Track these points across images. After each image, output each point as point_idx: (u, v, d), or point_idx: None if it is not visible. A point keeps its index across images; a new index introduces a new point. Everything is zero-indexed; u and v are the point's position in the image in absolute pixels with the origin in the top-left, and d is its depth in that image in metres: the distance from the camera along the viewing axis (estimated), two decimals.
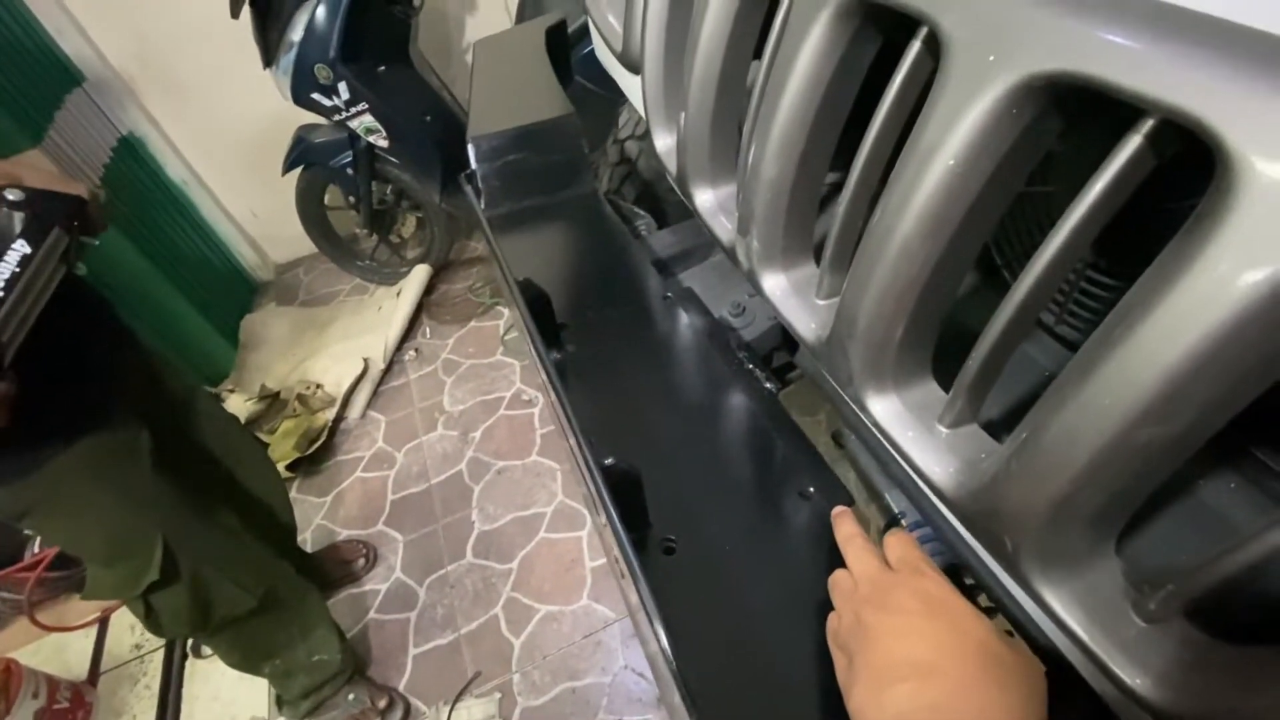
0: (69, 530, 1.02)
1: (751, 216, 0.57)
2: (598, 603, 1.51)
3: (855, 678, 0.38)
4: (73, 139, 1.97)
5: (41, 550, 1.68)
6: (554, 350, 0.64)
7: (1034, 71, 0.32)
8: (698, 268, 0.96)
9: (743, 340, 0.80)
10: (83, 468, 0.95)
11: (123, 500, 1.02)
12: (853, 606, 0.42)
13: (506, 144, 0.86)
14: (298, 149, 2.21)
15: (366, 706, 1.40)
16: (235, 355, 2.38)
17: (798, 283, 0.58)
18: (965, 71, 0.35)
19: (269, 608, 1.23)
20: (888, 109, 0.43)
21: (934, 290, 0.42)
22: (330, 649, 1.37)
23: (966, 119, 0.35)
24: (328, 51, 1.89)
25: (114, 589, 1.07)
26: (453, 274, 2.59)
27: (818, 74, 0.47)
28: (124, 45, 2.22)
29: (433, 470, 1.91)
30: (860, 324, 0.45)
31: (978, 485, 0.40)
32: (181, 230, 2.44)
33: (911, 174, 0.38)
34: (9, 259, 0.78)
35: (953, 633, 0.38)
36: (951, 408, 0.44)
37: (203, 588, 1.12)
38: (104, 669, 1.67)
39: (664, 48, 0.73)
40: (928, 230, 0.39)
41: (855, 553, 0.46)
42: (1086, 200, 0.32)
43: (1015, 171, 0.37)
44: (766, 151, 0.52)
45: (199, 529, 1.14)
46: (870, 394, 0.48)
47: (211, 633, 1.21)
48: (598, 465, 0.40)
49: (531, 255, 0.81)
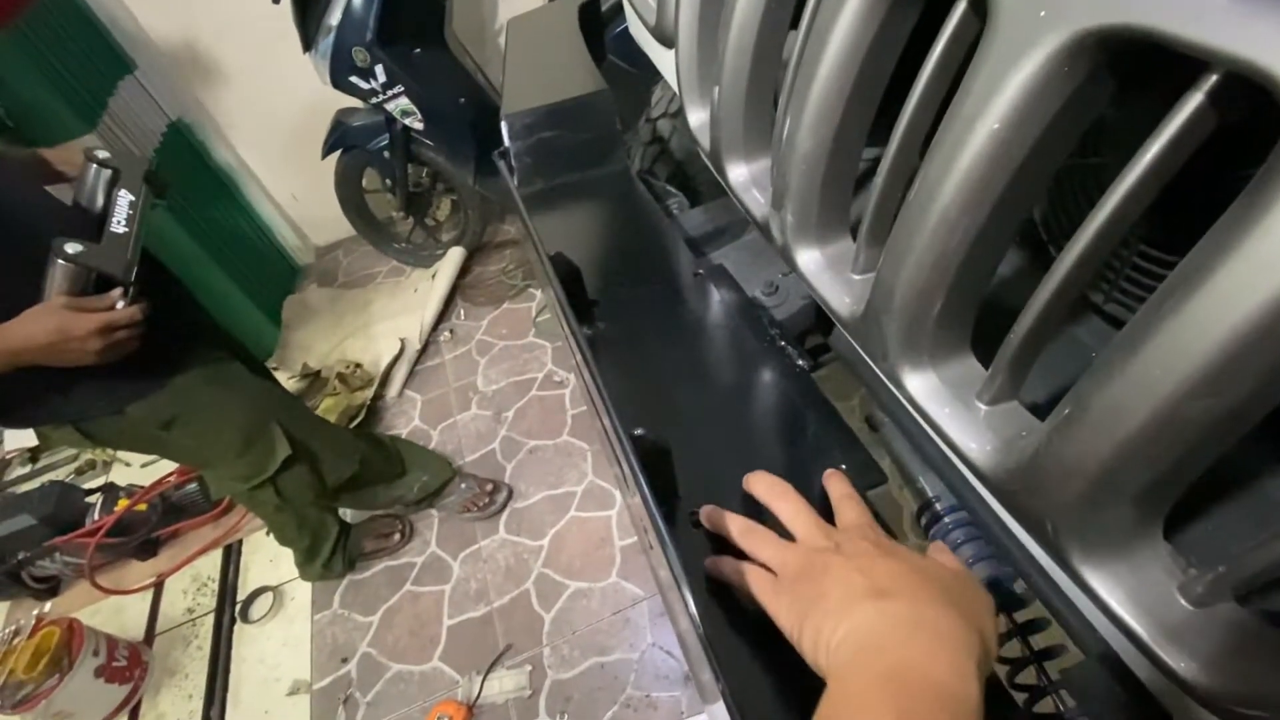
0: (208, 430, 1.21)
1: (786, 190, 0.56)
2: (627, 581, 1.53)
3: (811, 607, 0.39)
4: (125, 124, 2.04)
5: (101, 518, 1.78)
6: (585, 325, 0.64)
7: (1088, 26, 0.30)
8: (730, 246, 0.94)
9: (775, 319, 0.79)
10: (200, 381, 1.14)
11: (240, 399, 1.24)
12: (802, 554, 0.42)
13: (540, 121, 0.86)
14: (336, 132, 2.25)
15: (476, 491, 1.74)
16: (279, 335, 2.45)
17: (833, 258, 0.57)
18: (1013, 29, 0.34)
19: (368, 467, 1.51)
20: (929, 74, 0.42)
21: (975, 262, 0.40)
22: (431, 470, 1.68)
23: (1014, 80, 0.33)
24: (365, 34, 1.92)
25: (246, 476, 1.30)
26: (486, 257, 2.61)
27: (855, 42, 0.46)
28: (173, 32, 2.28)
29: (467, 448, 1.95)
30: (897, 297, 0.44)
31: (1018, 463, 0.39)
32: (227, 213, 2.51)
33: (953, 140, 0.37)
34: (122, 203, 0.93)
35: (907, 565, 0.40)
36: (991, 384, 0.42)
37: (315, 461, 1.39)
38: (159, 631, 1.76)
39: (698, 20, 0.72)
40: (969, 199, 0.38)
41: (794, 510, 0.46)
42: (1141, 164, 0.30)
43: (1064, 136, 0.35)
44: (802, 124, 0.51)
45: (298, 416, 1.39)
46: (906, 369, 0.47)
47: (330, 497, 1.50)
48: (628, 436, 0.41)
49: (564, 232, 0.81)
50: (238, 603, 1.77)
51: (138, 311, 0.94)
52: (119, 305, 0.92)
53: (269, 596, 1.75)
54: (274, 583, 1.78)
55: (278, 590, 1.76)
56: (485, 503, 1.72)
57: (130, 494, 1.86)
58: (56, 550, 1.77)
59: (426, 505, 1.74)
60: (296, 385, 2.19)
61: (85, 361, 0.90)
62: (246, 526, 1.91)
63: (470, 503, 1.72)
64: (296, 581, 1.74)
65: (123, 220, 0.91)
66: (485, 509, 1.72)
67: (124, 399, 1.05)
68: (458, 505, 1.72)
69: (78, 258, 0.87)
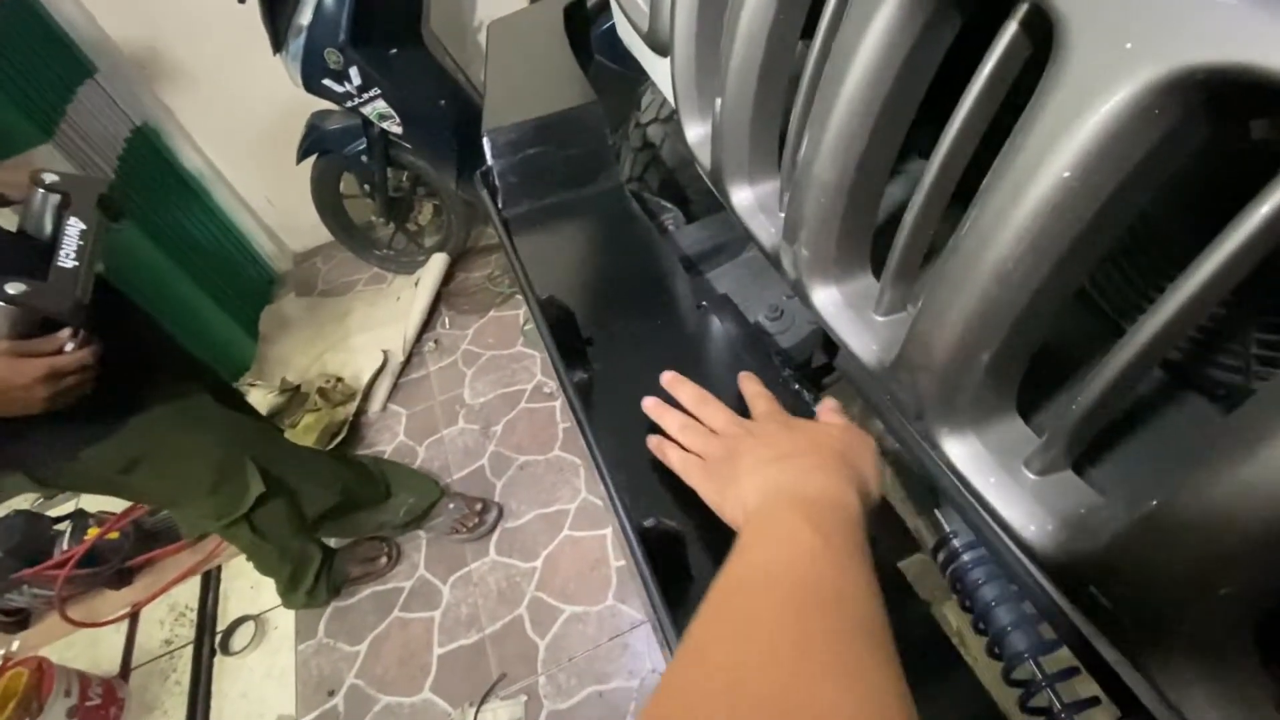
0: (174, 471, 1.15)
1: (801, 222, 0.51)
2: (623, 604, 1.48)
3: (729, 480, 0.45)
4: (86, 131, 1.94)
5: (70, 548, 1.70)
6: (580, 368, 0.59)
7: (1191, 63, 0.25)
8: (729, 265, 0.89)
9: (780, 347, 0.74)
10: (163, 418, 1.08)
11: (208, 435, 1.18)
12: (721, 441, 0.49)
13: (525, 137, 0.80)
14: (310, 137, 2.16)
15: (466, 512, 1.68)
16: (255, 348, 2.36)
17: (853, 297, 0.52)
18: (1089, 61, 0.28)
19: (350, 496, 1.46)
20: (972, 105, 0.36)
21: (1031, 320, 0.35)
22: (417, 492, 1.62)
23: (1090, 121, 0.28)
24: (337, 35, 1.83)
25: (218, 515, 1.24)
26: (471, 262, 2.54)
27: (884, 64, 0.41)
28: (135, 34, 2.18)
29: (454, 465, 1.89)
30: (937, 354, 0.39)
31: (1086, 548, 0.34)
32: (198, 221, 2.42)
33: (1013, 185, 0.32)
34: (71, 232, 0.85)
35: (804, 434, 0.48)
36: (1045, 452, 0.38)
37: (293, 493, 1.34)
38: (135, 664, 1.69)
39: (696, 27, 0.66)
40: (1030, 253, 0.32)
41: (713, 410, 0.53)
42: (1239, 234, 0.26)
43: (1147, 184, 0.30)
44: (821, 151, 0.46)
45: (273, 447, 1.34)
46: (944, 432, 0.42)
47: (311, 528, 1.44)
48: (635, 529, 0.35)
49: (553, 259, 0.75)
50: (218, 633, 1.69)
51: (88, 355, 0.86)
52: (68, 348, 0.85)
53: (250, 626, 1.68)
54: (255, 611, 1.71)
55: (259, 619, 1.69)
56: (475, 523, 1.66)
57: (101, 521, 1.78)
58: (24, 583, 1.68)
59: (414, 527, 1.68)
60: (276, 400, 2.11)
61: (31, 410, 0.83)
62: (226, 552, 1.83)
63: (459, 523, 1.66)
64: (279, 609, 1.67)
65: (72, 253, 0.83)
66: (475, 529, 1.66)
67: (76, 444, 0.97)
68: (446, 526, 1.66)
69: (20, 299, 0.79)
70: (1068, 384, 0.47)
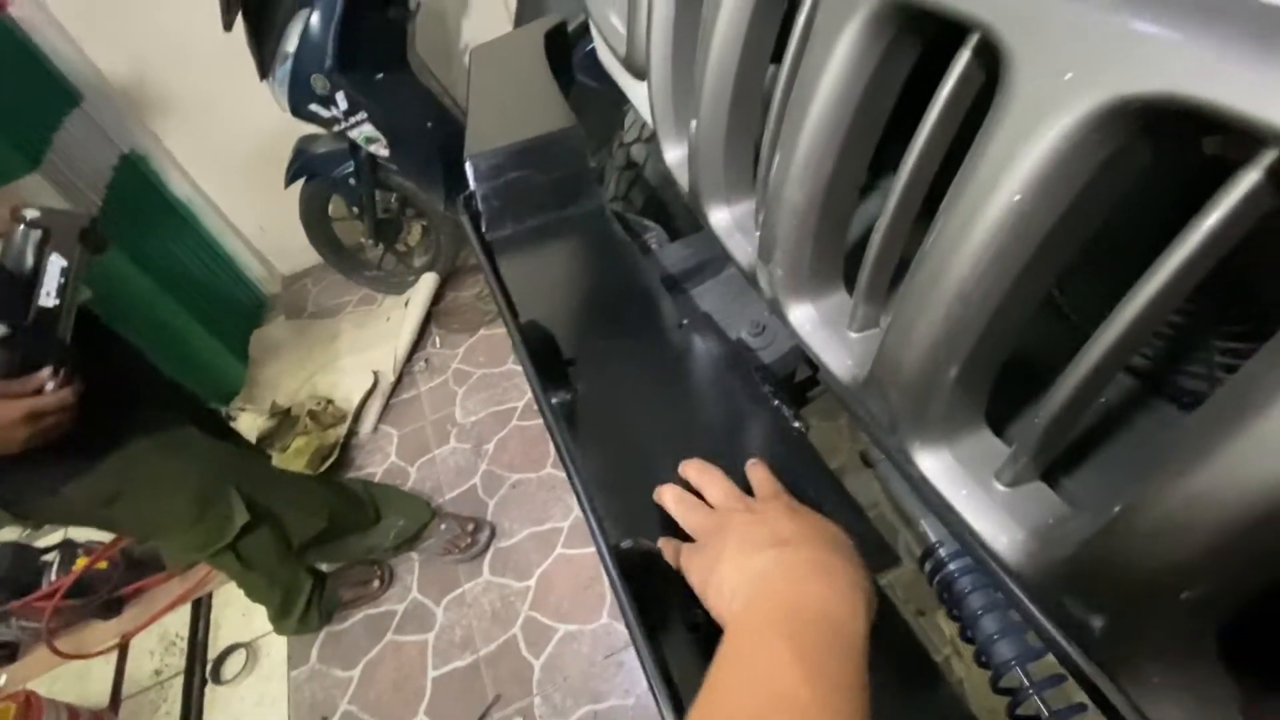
0: (157, 502, 1.13)
1: (775, 241, 0.52)
2: (618, 621, 1.47)
3: (716, 561, 0.41)
4: (73, 160, 1.95)
5: (58, 579, 1.68)
6: (561, 392, 0.59)
7: (1123, 94, 0.26)
8: (712, 282, 0.90)
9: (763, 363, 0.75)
10: (146, 451, 1.06)
11: (191, 465, 1.16)
12: (714, 515, 0.46)
13: (507, 161, 0.81)
14: (298, 161, 2.17)
15: (458, 532, 1.66)
16: (245, 372, 2.36)
17: (827, 313, 0.53)
18: (1033, 91, 0.30)
19: (338, 521, 1.44)
20: (930, 129, 0.38)
21: (994, 336, 0.36)
22: (408, 514, 1.61)
23: (1035, 147, 0.30)
24: (323, 61, 1.85)
25: (202, 545, 1.22)
26: (460, 281, 2.55)
27: (847, 90, 0.42)
28: (121, 62, 2.19)
29: (446, 485, 1.88)
30: (905, 370, 0.40)
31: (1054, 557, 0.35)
32: (187, 247, 2.42)
33: (968, 207, 0.33)
34: (53, 269, 0.85)
35: (808, 522, 0.43)
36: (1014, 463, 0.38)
37: (278, 521, 1.32)
38: (125, 695, 1.66)
39: (671, 51, 0.68)
40: (988, 272, 0.34)
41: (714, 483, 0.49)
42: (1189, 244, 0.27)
43: (1097, 205, 0.31)
44: (790, 174, 0.47)
45: (259, 475, 1.33)
46: (917, 445, 0.43)
47: (298, 555, 1.43)
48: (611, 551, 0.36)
49: (536, 281, 0.76)
50: (209, 662, 1.67)
51: (69, 394, 0.86)
52: (48, 387, 0.84)
53: (242, 653, 1.66)
54: (247, 638, 1.69)
55: (251, 646, 1.67)
56: (467, 543, 1.65)
57: (89, 550, 1.76)
58: (12, 615, 1.66)
59: (405, 549, 1.67)
60: (266, 424, 2.10)
61: (11, 450, 0.82)
62: (216, 579, 1.81)
63: (452, 544, 1.65)
64: (271, 635, 1.66)
65: (53, 291, 0.84)
66: (468, 550, 1.65)
67: (57, 480, 0.96)
68: (439, 547, 1.65)
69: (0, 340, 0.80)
70: (1040, 395, 0.49)
